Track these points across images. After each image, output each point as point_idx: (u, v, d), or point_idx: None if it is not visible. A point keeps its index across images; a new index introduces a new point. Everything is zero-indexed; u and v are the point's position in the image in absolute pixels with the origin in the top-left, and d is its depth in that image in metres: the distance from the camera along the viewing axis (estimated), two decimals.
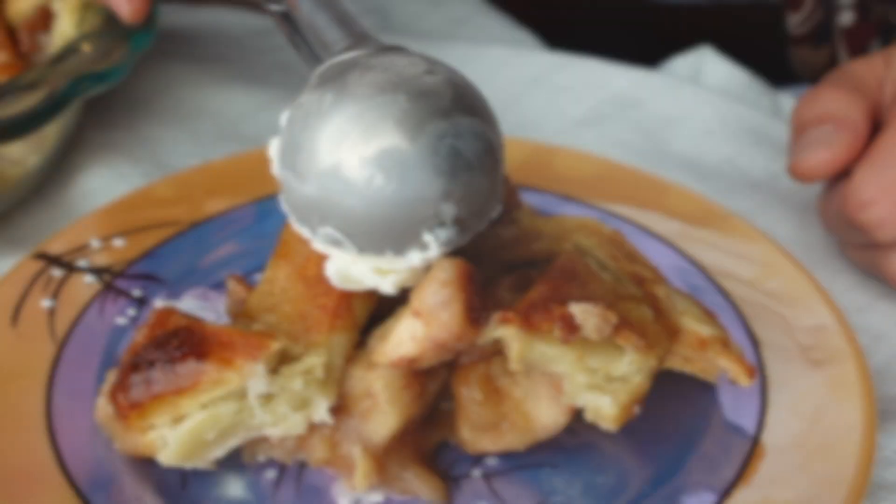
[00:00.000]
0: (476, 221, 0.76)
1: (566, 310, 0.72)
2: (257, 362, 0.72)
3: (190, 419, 0.75)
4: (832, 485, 0.75)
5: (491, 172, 0.76)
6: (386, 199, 0.72)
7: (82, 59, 1.07)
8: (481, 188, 0.75)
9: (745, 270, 0.98)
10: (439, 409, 0.83)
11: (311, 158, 0.74)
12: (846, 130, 0.97)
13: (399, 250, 0.74)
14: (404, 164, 0.72)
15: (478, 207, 0.76)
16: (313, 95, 0.76)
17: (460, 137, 0.73)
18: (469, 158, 0.74)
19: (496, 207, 0.79)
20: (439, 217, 0.73)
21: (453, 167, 0.73)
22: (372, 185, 0.72)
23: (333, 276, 0.78)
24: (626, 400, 0.74)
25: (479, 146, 0.75)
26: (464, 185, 0.73)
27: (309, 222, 0.76)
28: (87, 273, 0.97)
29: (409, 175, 0.72)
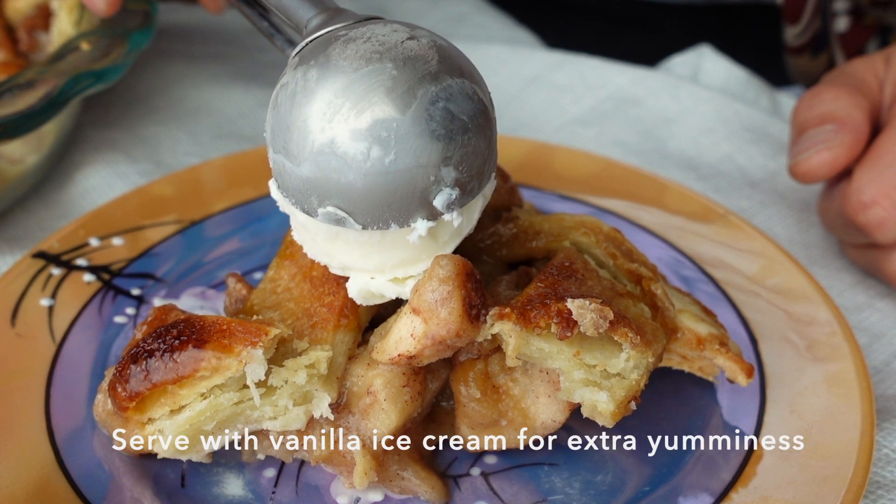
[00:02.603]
0: (476, 183, 0.75)
1: (563, 306, 0.72)
2: (256, 348, 0.72)
3: (189, 409, 0.75)
4: (831, 484, 0.75)
5: (485, 132, 0.75)
6: (385, 170, 0.71)
7: (81, 57, 1.07)
8: (478, 148, 0.74)
9: (745, 269, 0.98)
10: (439, 408, 0.83)
11: (303, 139, 0.72)
12: (847, 131, 0.97)
13: (403, 221, 0.73)
14: (400, 132, 0.71)
15: (477, 169, 0.74)
16: (297, 74, 0.74)
17: (452, 99, 0.72)
18: (464, 120, 0.72)
19: (493, 168, 0.78)
20: (440, 182, 0.72)
21: (449, 130, 0.72)
22: (369, 157, 0.71)
23: (357, 297, 0.78)
24: (622, 396, 0.74)
25: (473, 107, 0.73)
26: (461, 146, 0.72)
27: (308, 204, 0.74)
28: (86, 272, 0.97)
29: (405, 143, 0.71)
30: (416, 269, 0.77)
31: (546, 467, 0.82)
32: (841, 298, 1.03)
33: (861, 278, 1.06)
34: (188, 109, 1.33)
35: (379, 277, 0.77)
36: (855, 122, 0.97)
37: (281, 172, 0.75)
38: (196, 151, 1.25)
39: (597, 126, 1.32)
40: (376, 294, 0.78)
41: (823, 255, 1.10)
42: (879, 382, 0.94)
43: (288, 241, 0.86)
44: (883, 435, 0.87)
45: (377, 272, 0.77)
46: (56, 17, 1.23)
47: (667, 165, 1.23)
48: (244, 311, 0.82)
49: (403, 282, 0.77)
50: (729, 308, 0.94)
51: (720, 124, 1.29)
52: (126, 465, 0.79)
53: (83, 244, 0.99)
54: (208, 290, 0.98)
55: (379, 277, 0.77)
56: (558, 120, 1.34)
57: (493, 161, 0.78)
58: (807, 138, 0.99)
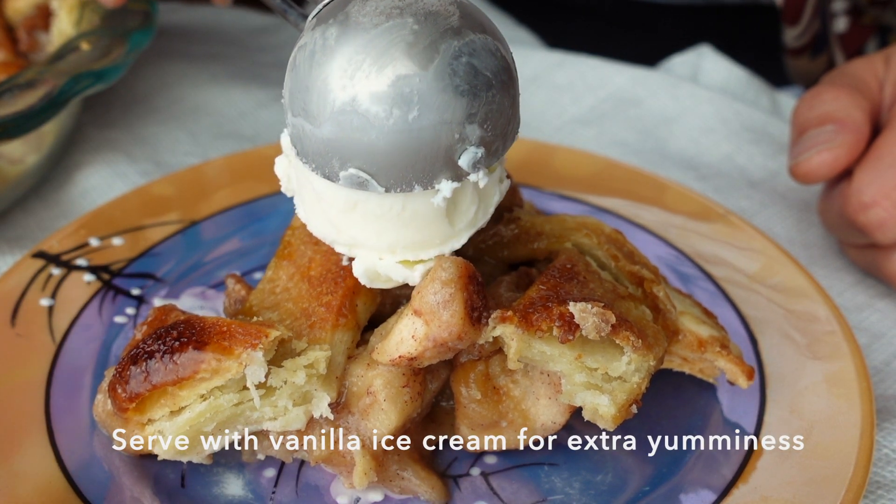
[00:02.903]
0: (501, 144, 0.74)
1: (565, 309, 0.72)
2: (256, 350, 0.72)
3: (189, 411, 0.75)
4: (831, 483, 0.75)
5: (509, 90, 0.73)
6: (408, 129, 0.69)
7: (81, 57, 1.07)
8: (503, 106, 0.72)
9: (745, 269, 0.98)
10: (439, 408, 0.83)
11: (323, 98, 0.70)
12: (847, 131, 0.96)
13: (428, 182, 0.71)
14: (423, 88, 0.69)
15: (501, 128, 0.73)
16: (315, 34, 0.72)
17: (476, 55, 0.70)
18: (488, 76, 0.71)
19: (517, 128, 0.76)
20: (465, 140, 0.70)
21: (473, 86, 0.70)
22: (392, 115, 0.69)
23: (362, 276, 0.77)
24: (624, 399, 0.74)
25: (496, 63, 0.71)
26: (486, 103, 0.70)
27: (329, 168, 0.72)
28: (86, 272, 0.97)
29: (429, 99, 0.69)
30: (427, 252, 0.75)
31: (546, 467, 0.82)
32: (841, 298, 1.03)
33: (861, 278, 1.06)
34: (188, 109, 1.33)
35: (388, 258, 0.76)
36: (855, 122, 0.97)
37: (300, 136, 0.73)
38: (196, 151, 1.25)
39: (597, 126, 1.32)
40: (383, 276, 0.76)
41: (823, 255, 1.10)
42: (879, 382, 0.94)
43: (286, 241, 0.86)
44: (883, 435, 0.87)
45: (387, 251, 0.75)
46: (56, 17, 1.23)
47: (667, 165, 1.23)
48: (243, 311, 0.82)
49: (413, 266, 0.76)
50: (729, 308, 0.94)
51: (720, 124, 1.29)
52: (126, 465, 0.79)
53: (83, 244, 0.99)
54: (208, 290, 0.98)
55: (388, 258, 0.76)
56: (558, 120, 1.34)
57: (517, 122, 0.76)
58: (807, 139, 0.99)
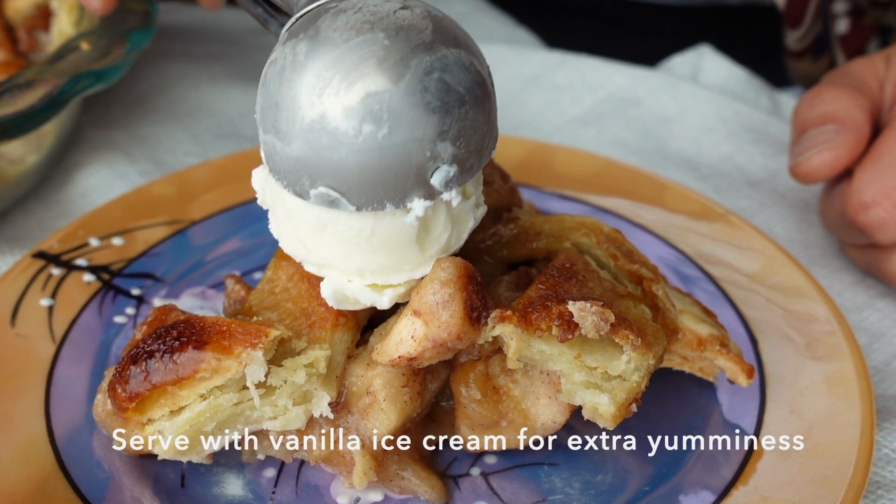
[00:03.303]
0: (476, 159, 0.72)
1: (564, 308, 0.72)
2: (256, 350, 0.72)
3: (188, 410, 0.75)
4: (831, 483, 0.75)
5: (484, 105, 0.71)
6: (378, 146, 0.68)
7: (81, 57, 1.07)
8: (477, 123, 0.71)
9: (745, 268, 0.98)
10: (439, 408, 0.83)
11: (292, 115, 0.69)
12: (848, 131, 0.96)
13: (399, 200, 0.70)
14: (393, 105, 0.67)
15: (475, 145, 0.71)
16: (285, 49, 0.71)
17: (448, 70, 0.69)
18: (460, 92, 0.69)
19: (493, 144, 0.75)
20: (437, 158, 0.69)
21: (445, 102, 0.68)
22: (361, 132, 0.68)
23: (330, 298, 0.75)
24: (623, 398, 0.74)
25: (469, 78, 0.70)
26: (458, 120, 0.69)
27: (300, 186, 0.71)
28: (86, 272, 0.97)
29: (399, 116, 0.67)
30: (397, 277, 0.74)
31: (546, 467, 0.82)
32: (841, 298, 1.03)
33: (861, 278, 1.06)
34: (188, 109, 1.33)
35: (356, 281, 0.75)
36: (856, 122, 0.97)
37: (272, 154, 0.72)
38: (196, 151, 1.25)
39: (597, 126, 1.32)
40: (351, 298, 0.75)
41: (823, 255, 1.10)
42: (879, 382, 0.94)
43: None
44: (883, 435, 0.87)
45: (356, 274, 0.74)
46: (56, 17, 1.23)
47: (667, 165, 1.23)
48: (243, 311, 0.82)
49: (381, 290, 0.75)
50: (729, 308, 0.94)
51: (720, 124, 1.29)
52: (126, 465, 0.79)
53: (83, 244, 0.99)
54: (208, 290, 0.98)
55: (356, 281, 0.75)
56: (558, 120, 1.34)
57: (493, 138, 0.74)
58: (808, 138, 0.99)
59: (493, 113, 0.73)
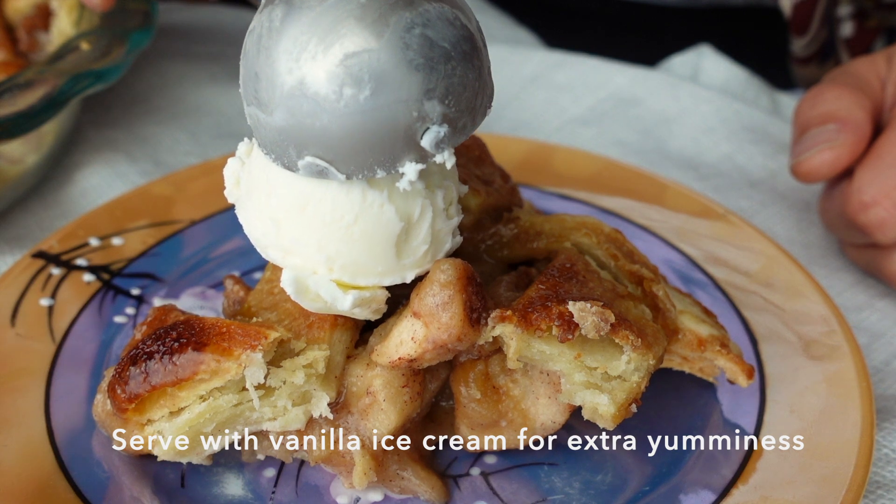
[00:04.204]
0: (469, 118, 0.69)
1: (564, 308, 0.72)
2: (256, 352, 0.72)
3: (188, 411, 0.75)
4: (831, 483, 0.75)
5: (472, 61, 0.68)
6: (361, 109, 0.65)
7: (81, 57, 1.07)
8: (466, 80, 0.67)
9: (745, 268, 0.98)
10: (439, 408, 0.83)
11: (271, 84, 0.67)
12: (849, 130, 0.96)
13: (390, 165, 0.67)
14: (373, 65, 0.64)
15: (467, 103, 0.68)
16: (262, 16, 0.68)
17: (430, 25, 0.65)
18: (445, 47, 0.66)
19: (488, 102, 0.71)
20: (425, 118, 0.66)
21: (429, 59, 0.65)
22: (343, 96, 0.65)
23: (289, 286, 0.73)
24: (623, 399, 0.74)
25: (455, 33, 0.67)
26: (445, 77, 0.66)
27: (288, 158, 0.69)
28: (86, 271, 0.97)
29: (381, 77, 0.64)
30: (364, 279, 0.72)
31: (546, 467, 0.82)
32: (841, 298, 1.03)
33: (861, 278, 1.06)
34: (188, 109, 1.33)
35: (322, 274, 0.72)
36: (857, 121, 0.97)
37: (256, 126, 0.70)
38: (196, 151, 1.25)
39: (597, 126, 1.32)
40: (312, 292, 0.73)
41: (823, 255, 1.10)
42: (879, 382, 0.94)
43: None
44: (883, 435, 0.87)
45: (324, 266, 0.72)
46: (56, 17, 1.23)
47: (667, 165, 1.23)
48: (242, 312, 0.82)
49: (346, 290, 0.72)
50: (729, 308, 0.94)
51: (720, 124, 1.29)
52: (126, 465, 0.79)
53: (83, 244, 0.99)
54: (208, 290, 0.98)
55: (322, 274, 0.72)
56: (558, 120, 1.34)
57: (488, 96, 0.71)
58: (809, 137, 0.99)
59: (485, 69, 0.70)
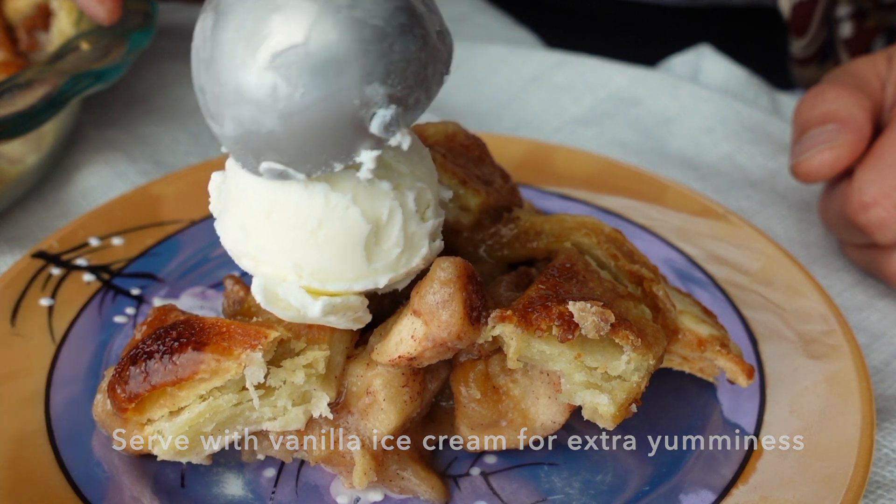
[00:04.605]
0: (422, 92, 0.66)
1: (564, 308, 0.72)
2: (256, 351, 0.72)
3: (188, 411, 0.75)
4: (831, 483, 0.75)
5: (413, 31, 0.64)
6: (300, 108, 0.63)
7: (81, 57, 1.07)
8: (408, 54, 0.63)
9: (744, 268, 0.98)
10: (439, 408, 0.83)
11: (214, 96, 0.66)
12: (849, 130, 0.96)
13: (346, 157, 0.66)
14: (303, 60, 0.62)
15: (415, 77, 0.65)
16: (197, 28, 0.67)
17: (357, 5, 0.62)
18: (378, 25, 0.63)
19: (442, 69, 0.68)
20: (369, 103, 0.63)
21: (361, 42, 0.62)
22: (279, 98, 0.63)
23: (259, 293, 0.72)
24: (623, 399, 0.74)
25: (386, 7, 0.63)
26: (382, 57, 0.63)
27: (249, 165, 0.68)
28: (86, 271, 0.97)
29: (313, 71, 0.62)
30: (335, 285, 0.71)
31: (546, 467, 0.82)
32: (841, 298, 1.03)
33: (861, 278, 1.06)
34: (188, 109, 1.33)
35: (292, 280, 0.71)
36: (857, 121, 0.97)
37: (219, 139, 0.69)
38: (196, 151, 1.25)
39: (597, 126, 1.32)
40: (282, 299, 0.72)
41: (823, 255, 1.10)
42: (879, 382, 0.94)
43: None
44: (883, 435, 0.87)
45: (293, 273, 0.71)
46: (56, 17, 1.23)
47: (667, 165, 1.23)
48: (242, 312, 0.82)
49: (316, 296, 0.71)
50: (729, 308, 0.94)
51: (720, 124, 1.29)
52: (126, 465, 0.79)
53: (83, 244, 0.99)
54: (208, 289, 0.98)
55: (292, 280, 0.71)
56: (558, 120, 1.34)
57: (441, 61, 0.67)
58: (809, 138, 0.99)
59: (432, 35, 0.66)
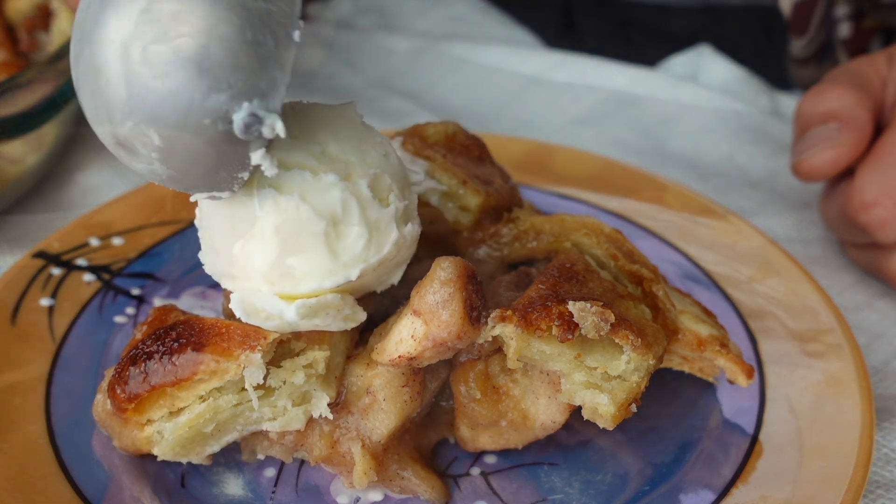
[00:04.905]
0: (272, 71, 0.61)
1: (564, 308, 0.72)
2: (255, 352, 0.72)
3: (188, 412, 0.75)
4: (831, 483, 0.75)
5: (229, 22, 0.60)
6: (168, 154, 0.63)
7: None
8: (230, 47, 0.60)
9: (744, 269, 0.98)
10: (439, 408, 0.83)
11: (104, 139, 0.66)
12: (851, 129, 0.97)
13: (241, 169, 0.65)
14: (142, 122, 0.61)
15: (249, 62, 0.60)
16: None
17: (155, 35, 0.59)
18: (183, 41, 0.59)
19: (283, 31, 0.62)
20: (221, 117, 0.61)
21: (178, 66, 0.59)
22: (139, 151, 0.63)
23: (238, 308, 0.73)
24: (623, 398, 0.74)
25: (188, 23, 0.59)
26: (210, 69, 0.59)
27: (185, 192, 0.69)
28: (87, 272, 0.97)
29: (156, 121, 0.61)
30: (306, 285, 0.71)
31: (546, 467, 0.82)
32: (841, 298, 1.03)
33: (861, 278, 1.06)
34: None
35: (265, 289, 0.72)
36: (859, 120, 0.97)
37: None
38: None
39: (597, 126, 1.32)
40: (260, 310, 0.73)
41: (823, 255, 1.10)
42: (879, 382, 0.94)
43: None
44: (882, 434, 0.87)
45: (264, 282, 0.72)
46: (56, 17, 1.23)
47: (667, 165, 1.23)
48: None
49: (291, 300, 0.72)
50: (728, 308, 0.94)
51: (720, 124, 1.29)
52: (126, 464, 0.79)
53: (83, 244, 0.99)
54: (208, 289, 0.98)
55: (265, 289, 0.72)
56: (558, 120, 1.34)
57: (279, 26, 0.62)
58: (810, 136, 0.99)
59: (250, 7, 0.61)
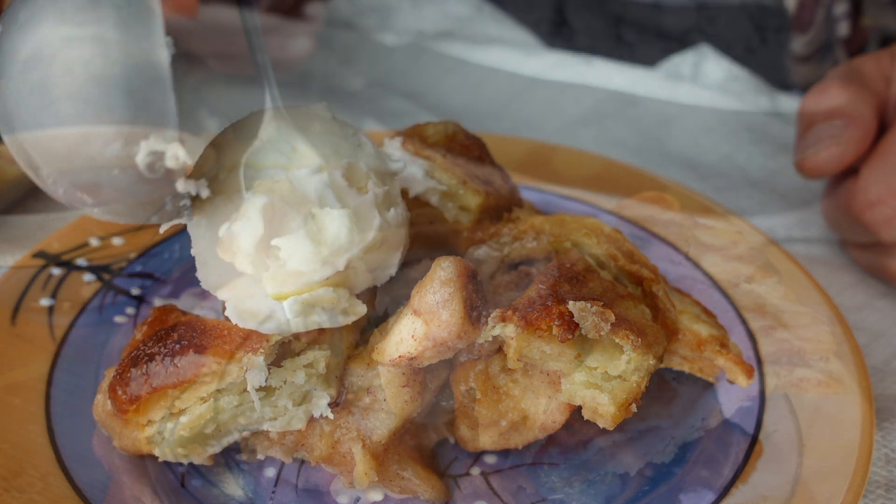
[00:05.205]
0: (149, 94, 0.64)
1: (564, 308, 0.72)
2: (257, 355, 0.72)
3: (189, 413, 0.75)
4: (830, 483, 0.75)
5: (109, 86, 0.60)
6: (95, 200, 0.66)
7: None
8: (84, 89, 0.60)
9: (744, 269, 0.98)
10: (439, 407, 0.83)
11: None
12: (855, 126, 0.97)
13: (163, 196, 0.69)
14: (48, 176, 0.64)
15: (119, 99, 0.60)
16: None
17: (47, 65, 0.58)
18: (70, 86, 0.59)
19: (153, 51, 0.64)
20: (128, 166, 0.63)
21: (83, 111, 0.59)
22: (77, 199, 0.66)
23: (233, 314, 0.74)
24: (623, 398, 0.74)
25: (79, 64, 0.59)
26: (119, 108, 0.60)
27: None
28: (86, 272, 0.97)
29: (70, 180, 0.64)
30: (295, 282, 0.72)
31: (546, 467, 0.82)
32: (841, 298, 1.03)
33: (861, 278, 1.06)
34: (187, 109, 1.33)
35: (257, 293, 0.73)
36: (863, 117, 0.97)
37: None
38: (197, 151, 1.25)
39: (597, 126, 1.32)
40: (254, 313, 0.73)
41: (823, 255, 1.10)
42: (879, 382, 0.94)
43: None
44: (883, 434, 0.87)
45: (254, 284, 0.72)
46: None
47: (667, 165, 1.23)
48: None
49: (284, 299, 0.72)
50: (729, 308, 0.94)
51: (720, 124, 1.29)
52: (126, 464, 0.79)
53: (83, 244, 0.99)
54: None
55: (257, 293, 0.73)
56: (558, 120, 1.34)
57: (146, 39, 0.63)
58: (814, 133, 0.99)
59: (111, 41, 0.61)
